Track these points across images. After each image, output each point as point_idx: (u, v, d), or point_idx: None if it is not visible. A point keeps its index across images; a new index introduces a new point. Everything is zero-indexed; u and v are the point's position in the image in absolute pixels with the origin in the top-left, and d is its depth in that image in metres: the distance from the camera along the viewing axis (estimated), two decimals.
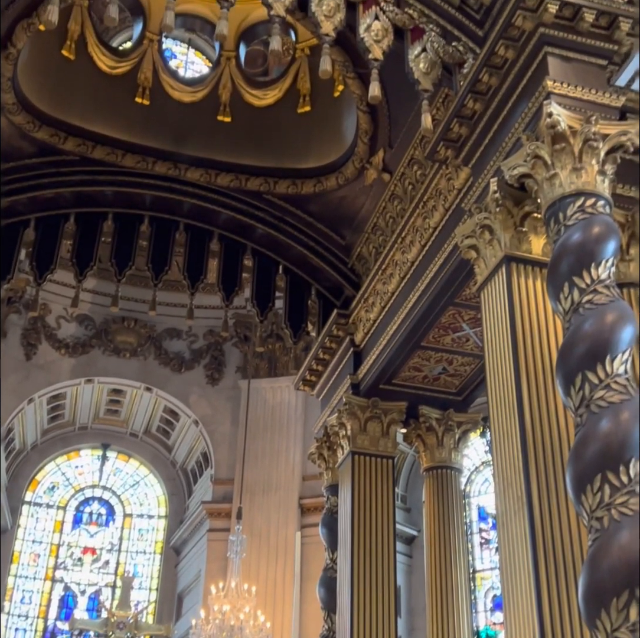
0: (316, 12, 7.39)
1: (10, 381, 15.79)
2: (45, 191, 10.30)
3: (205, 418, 17.14)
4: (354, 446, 9.98)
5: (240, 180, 11.00)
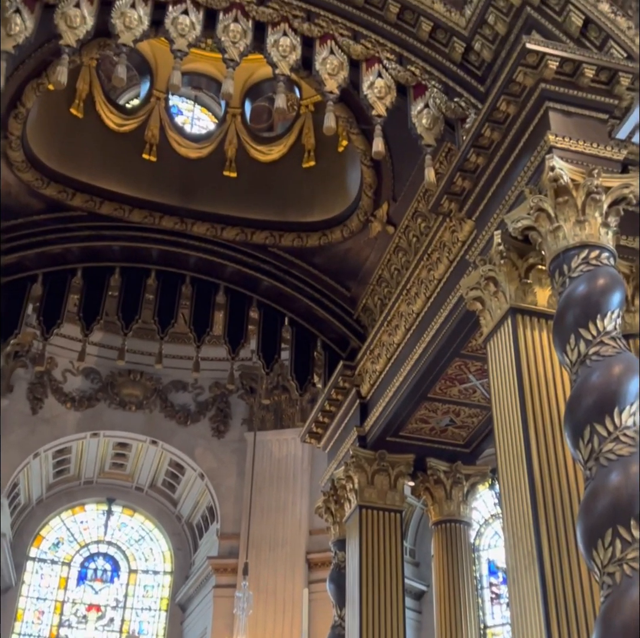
0: (320, 71, 7.55)
1: (16, 436, 15.75)
2: (53, 247, 10.41)
3: (211, 471, 17.02)
4: (362, 499, 9.89)
5: (246, 234, 11.11)
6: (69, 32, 7.11)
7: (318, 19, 7.77)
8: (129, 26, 7.26)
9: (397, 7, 7.70)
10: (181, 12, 7.43)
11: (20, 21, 7.04)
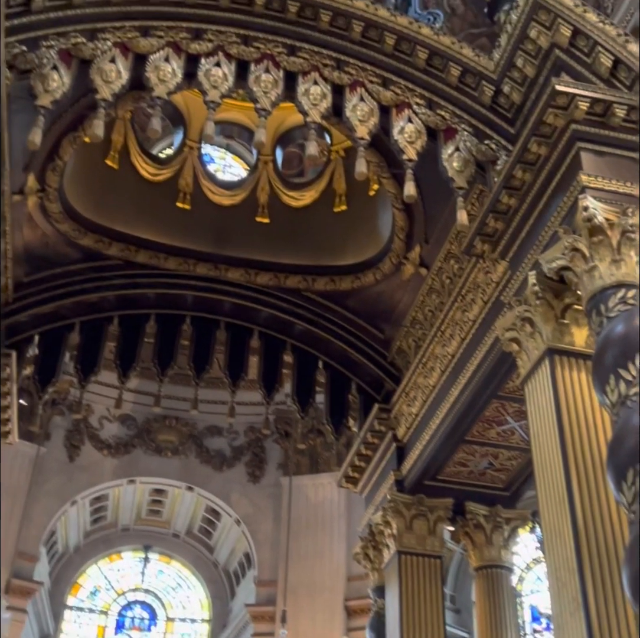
0: (351, 117, 7.65)
1: (53, 484, 15.83)
2: (89, 295, 10.54)
3: (247, 517, 16.91)
4: (400, 545, 9.76)
5: (279, 278, 11.16)
6: (104, 87, 7.29)
7: (348, 66, 7.90)
8: (163, 79, 7.43)
9: (425, 53, 7.80)
10: (214, 65, 7.61)
11: (57, 77, 7.24)
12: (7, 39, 6.92)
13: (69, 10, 7.45)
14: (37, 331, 10.41)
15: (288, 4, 7.86)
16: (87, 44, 7.41)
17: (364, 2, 7.93)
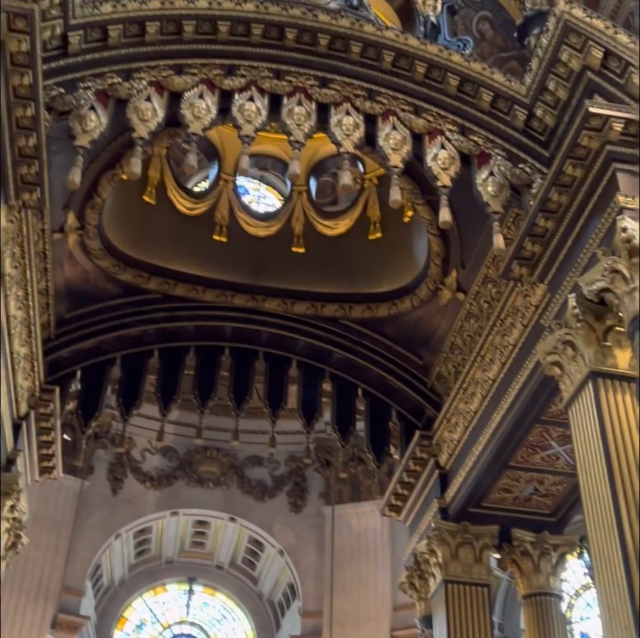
0: (384, 146, 7.70)
1: (97, 517, 15.90)
2: (130, 330, 10.66)
3: (290, 547, 16.81)
4: (446, 574, 9.64)
5: (316, 307, 11.19)
6: (141, 125, 7.43)
7: (379, 96, 7.97)
8: (198, 116, 7.56)
9: (456, 80, 7.85)
10: (247, 99, 7.73)
11: (94, 117, 7.39)
12: (45, 81, 7.08)
13: (105, 52, 7.63)
14: (79, 366, 10.54)
15: (318, 37, 7.97)
16: (123, 84, 7.57)
17: (393, 32, 8.01)
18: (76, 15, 7.40)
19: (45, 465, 10.41)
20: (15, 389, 9.02)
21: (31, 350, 9.05)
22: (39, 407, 9.72)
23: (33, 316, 8.72)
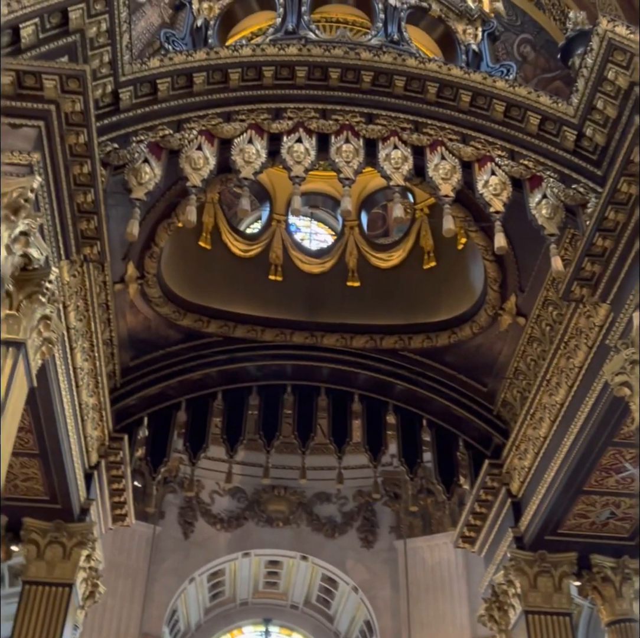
0: (434, 177, 7.72)
1: (170, 562, 15.96)
2: (193, 374, 10.78)
3: (364, 583, 16.63)
4: (526, 604, 9.43)
5: (375, 340, 11.18)
6: (194, 174, 7.59)
7: (426, 128, 8.01)
8: (248, 161, 7.69)
9: (502, 106, 7.85)
10: (295, 141, 7.84)
11: (149, 169, 7.58)
12: (100, 138, 7.29)
13: (155, 105, 7.84)
14: (146, 412, 10.69)
15: (362, 75, 8.07)
16: (174, 135, 7.75)
17: (436, 64, 8.07)
18: (125, 72, 7.64)
19: (118, 512, 10.54)
20: (86, 439, 9.18)
21: (99, 400, 9.22)
22: (109, 456, 9.87)
23: (99, 366, 8.89)
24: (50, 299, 6.54)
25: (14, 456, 7.72)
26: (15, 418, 6.24)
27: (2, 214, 5.83)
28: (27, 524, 9.16)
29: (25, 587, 9.07)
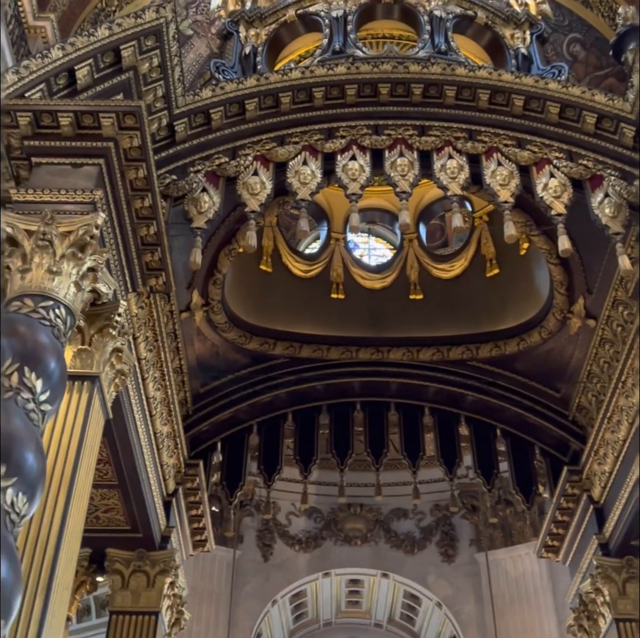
0: (491, 184, 7.67)
1: (252, 586, 15.99)
2: (262, 396, 10.85)
3: (447, 598, 16.40)
4: (616, 612, 9.18)
5: (442, 352, 11.10)
6: (252, 199, 7.69)
7: (480, 135, 7.97)
8: (304, 182, 7.75)
9: (557, 108, 7.77)
10: (349, 159, 7.88)
11: (207, 198, 7.70)
12: (158, 171, 7.44)
13: (210, 135, 7.97)
14: (219, 437, 10.78)
15: (412, 88, 8.07)
16: (230, 163, 7.87)
17: (486, 71, 8.04)
18: (179, 104, 7.78)
19: (198, 538, 10.64)
20: (162, 467, 9.31)
21: (173, 428, 9.34)
22: (185, 482, 9.99)
23: (171, 394, 9.02)
24: (121, 332, 6.68)
25: (94, 488, 7.81)
26: (94, 451, 6.36)
27: (69, 252, 5.98)
28: (110, 554, 9.31)
29: (112, 617, 9.19)
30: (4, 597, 4.29)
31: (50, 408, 5.31)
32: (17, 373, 5.14)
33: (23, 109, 6.46)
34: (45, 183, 6.38)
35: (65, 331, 5.74)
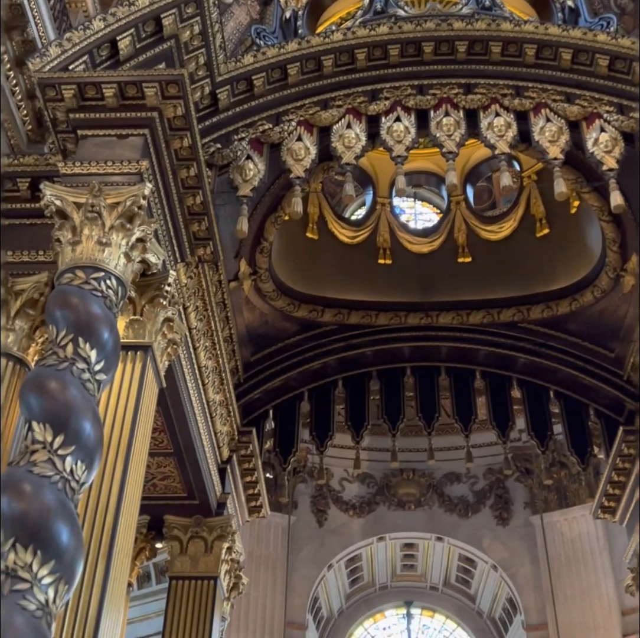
0: (540, 140, 7.51)
1: (307, 551, 16.18)
2: (312, 364, 10.88)
3: (502, 561, 16.41)
4: None
5: (492, 314, 11.00)
6: (296, 165, 7.64)
7: (527, 91, 7.80)
8: (348, 146, 7.67)
9: (606, 60, 7.57)
10: (394, 120, 7.77)
11: (252, 166, 7.67)
12: (202, 140, 7.42)
13: (252, 101, 7.93)
14: (271, 405, 10.86)
15: (456, 45, 7.92)
16: (274, 129, 7.82)
17: (532, 25, 7.85)
18: (221, 71, 7.74)
19: (253, 504, 10.76)
20: (216, 435, 9.41)
21: (225, 396, 9.42)
22: (239, 450, 10.08)
23: (222, 363, 9.08)
24: (171, 302, 6.72)
25: (150, 456, 7.94)
26: (149, 419, 6.45)
27: (117, 223, 6.02)
28: (168, 521, 9.48)
29: (172, 582, 9.37)
30: (66, 562, 4.39)
31: (105, 378, 5.39)
32: (72, 343, 5.22)
33: (67, 81, 6.49)
34: (92, 155, 6.42)
35: (117, 302, 5.80)
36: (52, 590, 4.27)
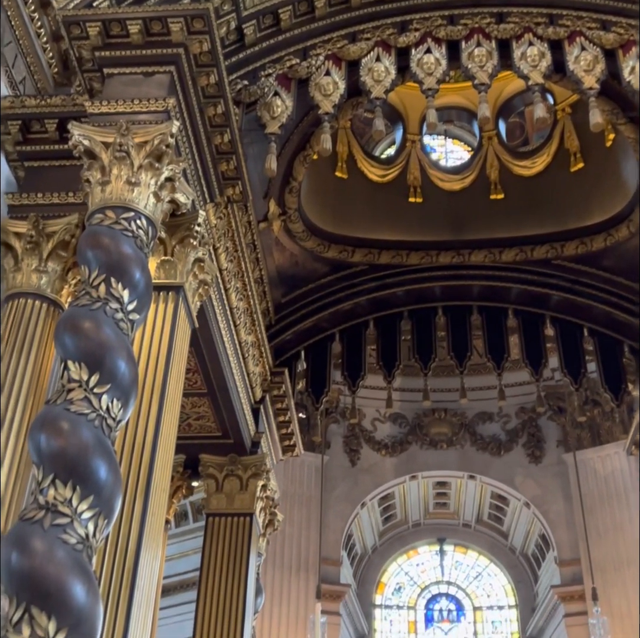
0: (575, 70, 7.31)
1: (341, 490, 16.41)
2: (343, 304, 10.87)
3: (535, 498, 16.52)
4: None
5: (525, 252, 10.89)
6: (325, 101, 7.51)
7: (561, 19, 7.56)
8: (378, 79, 7.51)
9: None
10: (424, 52, 7.59)
11: (280, 102, 7.55)
12: (229, 77, 7.30)
13: (279, 36, 7.76)
14: (302, 346, 10.88)
15: None
16: (301, 64, 7.67)
17: None
18: (247, 5, 7.56)
19: (287, 443, 10.88)
20: (249, 376, 9.48)
21: (257, 337, 9.46)
22: (272, 390, 10.16)
23: (253, 304, 9.09)
24: (201, 242, 6.70)
25: (185, 397, 8.05)
26: (183, 359, 6.48)
27: (146, 162, 5.97)
28: (204, 460, 9.63)
29: (209, 519, 9.55)
30: (105, 497, 4.47)
31: (138, 317, 5.41)
32: (104, 283, 5.23)
33: (92, 19, 6.38)
34: (119, 94, 6.34)
35: (148, 242, 5.78)
36: (92, 524, 4.36)
